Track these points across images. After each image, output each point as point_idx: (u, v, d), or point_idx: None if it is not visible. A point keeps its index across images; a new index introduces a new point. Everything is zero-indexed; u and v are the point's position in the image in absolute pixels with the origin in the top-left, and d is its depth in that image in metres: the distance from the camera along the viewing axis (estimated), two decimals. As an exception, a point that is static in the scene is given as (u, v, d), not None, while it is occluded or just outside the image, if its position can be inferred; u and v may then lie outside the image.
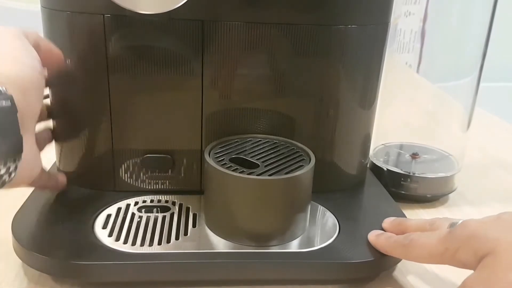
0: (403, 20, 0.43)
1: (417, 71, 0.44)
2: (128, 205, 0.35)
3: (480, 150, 0.54)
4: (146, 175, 0.36)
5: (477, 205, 0.42)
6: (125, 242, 0.30)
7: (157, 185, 0.37)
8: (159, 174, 0.36)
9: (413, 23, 0.43)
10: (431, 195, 0.41)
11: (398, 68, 0.45)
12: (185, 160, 0.36)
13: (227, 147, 0.34)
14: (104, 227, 0.32)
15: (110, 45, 0.32)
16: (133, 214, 0.33)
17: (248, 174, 0.30)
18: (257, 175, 0.30)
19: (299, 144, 0.34)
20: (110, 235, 0.31)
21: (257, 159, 0.32)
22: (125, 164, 0.36)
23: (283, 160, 0.32)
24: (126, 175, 0.36)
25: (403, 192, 0.41)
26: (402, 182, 0.40)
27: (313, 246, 0.31)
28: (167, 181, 0.37)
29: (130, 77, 0.33)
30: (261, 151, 0.33)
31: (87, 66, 0.33)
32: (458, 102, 0.43)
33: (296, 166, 0.31)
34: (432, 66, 0.44)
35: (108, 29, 0.32)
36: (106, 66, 0.33)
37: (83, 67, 0.33)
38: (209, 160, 0.31)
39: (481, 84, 0.42)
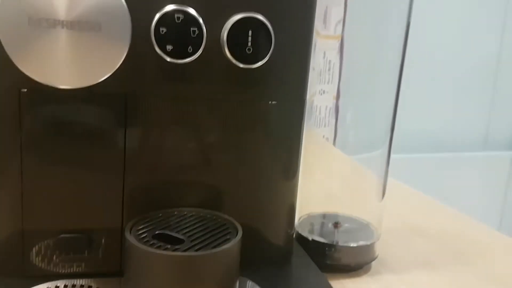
0: (318, 97, 0.46)
1: (334, 144, 0.46)
2: (38, 292, 0.31)
3: (397, 219, 0.57)
4: (60, 258, 0.33)
5: (399, 272, 0.43)
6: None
7: (72, 268, 0.34)
8: (75, 255, 0.34)
9: (328, 100, 0.46)
10: (355, 264, 0.42)
11: (317, 141, 0.47)
12: (103, 239, 0.34)
13: (150, 223, 0.32)
14: (9, 319, 0.28)
15: (25, 120, 0.31)
16: (43, 302, 0.30)
17: (172, 250, 0.29)
18: (182, 251, 0.29)
19: (226, 216, 0.34)
20: (15, 328, 0.27)
21: (182, 234, 0.31)
22: (37, 246, 0.33)
23: (210, 234, 0.31)
24: (37, 258, 0.33)
25: (328, 262, 0.41)
26: (326, 252, 0.41)
27: (242, 324, 0.29)
28: (83, 263, 0.34)
29: (46, 153, 0.32)
30: (187, 225, 0.32)
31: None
32: (372, 172, 0.46)
33: (224, 239, 0.31)
34: (346, 140, 0.47)
35: (24, 104, 0.31)
36: (20, 142, 0.31)
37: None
38: (129, 237, 0.30)
39: (393, 155, 0.45)
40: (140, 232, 0.31)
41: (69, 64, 0.28)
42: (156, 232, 0.31)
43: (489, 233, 0.55)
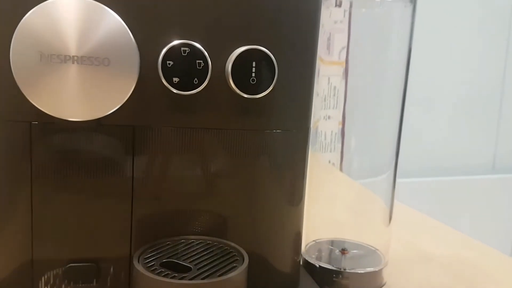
0: (323, 122, 0.47)
1: (341, 169, 0.47)
2: (47, 322, 0.32)
3: (405, 245, 0.57)
4: (69, 287, 0.34)
5: (407, 298, 0.43)
6: None
7: (80, 298, 0.34)
8: (83, 284, 0.34)
9: (333, 125, 0.47)
10: (363, 291, 0.41)
11: (322, 166, 0.48)
12: (112, 268, 0.34)
13: (158, 251, 0.33)
14: None
15: (36, 151, 0.32)
16: (52, 332, 0.30)
17: (179, 278, 0.29)
18: (189, 279, 0.29)
19: (232, 244, 0.34)
20: None
21: (189, 262, 0.31)
22: (46, 275, 0.33)
23: (217, 262, 0.32)
24: (46, 287, 0.33)
25: (336, 289, 0.41)
26: (334, 279, 0.41)
27: None
28: (92, 292, 0.34)
29: (56, 183, 0.33)
30: (194, 253, 0.33)
31: (9, 173, 0.32)
32: (379, 197, 0.46)
33: (230, 267, 0.31)
34: (352, 164, 0.47)
35: (34, 136, 0.32)
36: (31, 173, 0.32)
37: (4, 175, 0.32)
38: (138, 265, 0.30)
39: (402, 180, 0.46)
40: (148, 260, 0.31)
41: (79, 97, 0.29)
42: (164, 260, 0.31)
43: (500, 258, 0.55)
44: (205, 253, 0.33)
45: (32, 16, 0.28)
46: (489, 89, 1.54)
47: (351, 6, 0.45)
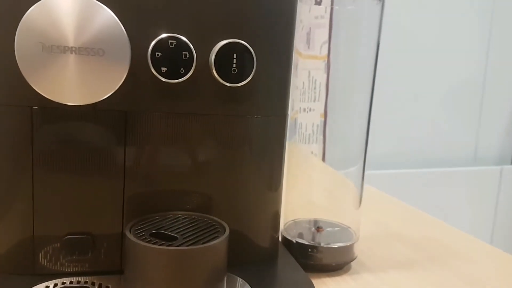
0: (304, 115, 0.50)
1: (323, 160, 0.50)
2: (47, 287, 0.35)
3: (379, 226, 0.61)
4: (66, 258, 0.37)
5: (377, 272, 0.47)
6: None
7: (77, 268, 0.37)
8: (79, 256, 0.37)
9: (315, 117, 0.50)
10: (336, 264, 0.45)
11: (303, 156, 0.51)
12: (105, 242, 0.38)
13: (148, 224, 0.36)
14: (22, 309, 0.32)
15: (36, 134, 0.35)
16: (52, 296, 0.34)
17: (166, 246, 0.32)
18: (175, 246, 0.32)
19: (216, 218, 0.38)
20: (28, 316, 0.31)
21: (176, 233, 0.35)
22: (45, 249, 0.37)
23: (201, 233, 0.35)
24: (45, 259, 0.37)
25: (311, 262, 0.45)
26: (309, 253, 0.45)
27: (230, 312, 0.33)
28: (87, 263, 0.38)
29: (55, 164, 0.36)
30: (180, 226, 0.36)
31: (11, 155, 0.35)
32: (352, 184, 0.49)
33: (213, 237, 0.35)
34: (333, 155, 0.51)
35: (35, 120, 0.35)
36: (32, 155, 0.35)
37: (7, 157, 0.35)
38: (129, 235, 0.33)
39: (387, 171, 0.49)
40: (138, 231, 0.35)
41: (76, 84, 0.32)
42: (153, 231, 0.35)
43: (465, 238, 0.59)
44: (190, 226, 0.37)
45: (34, 11, 0.31)
46: (471, 81, 1.58)
47: (332, 3, 0.48)
